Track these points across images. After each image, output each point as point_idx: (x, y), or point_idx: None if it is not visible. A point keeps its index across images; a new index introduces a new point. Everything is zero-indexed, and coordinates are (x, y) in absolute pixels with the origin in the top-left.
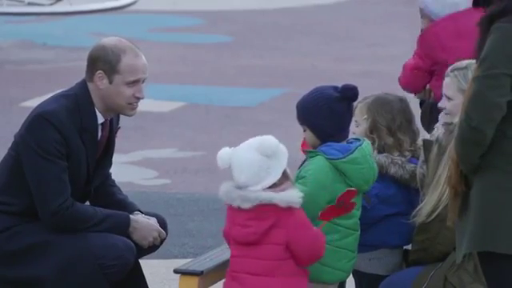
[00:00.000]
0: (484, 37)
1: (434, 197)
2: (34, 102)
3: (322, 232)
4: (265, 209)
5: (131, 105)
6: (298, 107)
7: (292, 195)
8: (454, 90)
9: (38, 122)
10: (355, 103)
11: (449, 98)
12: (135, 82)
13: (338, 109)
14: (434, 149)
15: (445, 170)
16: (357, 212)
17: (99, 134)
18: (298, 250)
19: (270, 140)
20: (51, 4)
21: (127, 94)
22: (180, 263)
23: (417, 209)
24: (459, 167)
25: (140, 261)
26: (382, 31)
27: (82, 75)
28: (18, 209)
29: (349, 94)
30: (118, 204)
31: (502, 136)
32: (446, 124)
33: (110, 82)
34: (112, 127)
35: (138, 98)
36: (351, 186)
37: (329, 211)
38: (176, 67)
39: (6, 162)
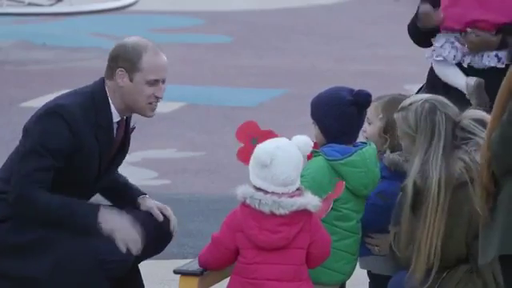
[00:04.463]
0: None
1: (421, 262)
2: (33, 103)
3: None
4: (297, 214)
5: (151, 105)
6: (312, 102)
7: (315, 199)
8: (401, 133)
9: (50, 115)
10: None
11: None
12: (156, 82)
13: (348, 112)
14: (408, 195)
15: (423, 233)
16: (356, 215)
17: (114, 132)
18: (316, 250)
19: (309, 140)
20: (51, 4)
21: (147, 93)
22: (180, 263)
23: (408, 274)
24: (490, 168)
25: None
26: (381, 31)
27: (81, 75)
28: None
29: (360, 99)
30: (122, 187)
31: None
32: (420, 173)
33: (131, 80)
34: (128, 127)
35: (158, 98)
36: (348, 188)
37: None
38: (176, 67)
39: (16, 152)
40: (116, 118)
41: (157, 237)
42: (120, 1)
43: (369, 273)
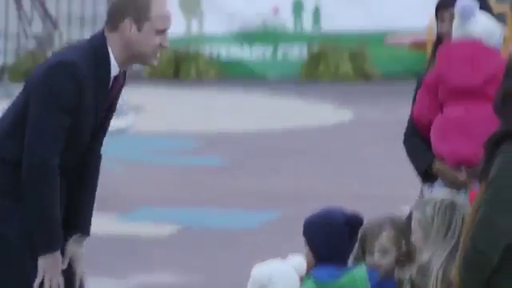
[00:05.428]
0: (490, 158)
1: None
2: None
3: None
4: None
5: (155, 53)
6: (304, 221)
7: None
8: (415, 224)
9: (58, 70)
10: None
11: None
12: (163, 31)
13: (339, 234)
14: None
15: None
16: None
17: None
18: None
19: (303, 260)
20: None
21: (155, 43)
22: None
23: None
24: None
25: None
26: (378, 152)
27: None
28: (14, 159)
29: (353, 223)
30: (84, 208)
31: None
32: (420, 267)
33: (139, 30)
34: (123, 82)
35: (163, 47)
36: None
37: None
38: (173, 190)
39: (15, 106)
40: (115, 71)
41: None
42: (118, 121)
43: None
